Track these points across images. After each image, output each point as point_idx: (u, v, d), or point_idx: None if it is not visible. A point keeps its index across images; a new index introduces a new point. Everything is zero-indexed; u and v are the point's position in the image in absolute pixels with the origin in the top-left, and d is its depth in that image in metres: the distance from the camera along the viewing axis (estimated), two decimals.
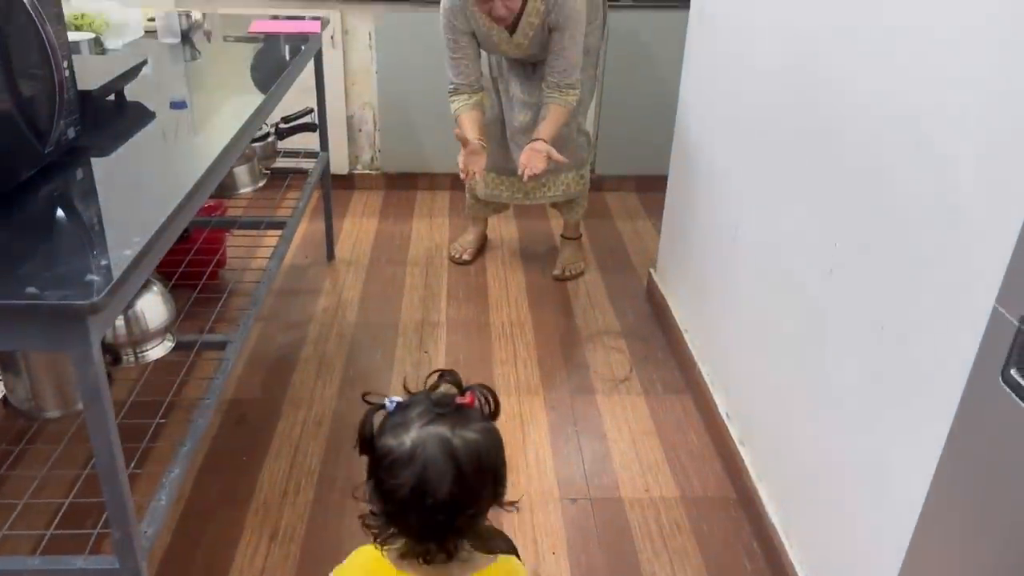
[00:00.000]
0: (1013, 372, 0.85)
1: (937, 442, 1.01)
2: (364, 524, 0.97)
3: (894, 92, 1.28)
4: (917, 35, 1.22)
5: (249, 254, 2.69)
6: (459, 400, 0.96)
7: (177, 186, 1.34)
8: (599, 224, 3.33)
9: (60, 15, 1.42)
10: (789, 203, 1.70)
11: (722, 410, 2.08)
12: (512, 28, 2.41)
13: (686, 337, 2.40)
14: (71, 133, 1.43)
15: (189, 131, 1.70)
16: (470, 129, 2.49)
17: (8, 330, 1.02)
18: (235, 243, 2.73)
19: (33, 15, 1.29)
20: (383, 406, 0.97)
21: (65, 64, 1.38)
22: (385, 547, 0.97)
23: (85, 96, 1.53)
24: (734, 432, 2.01)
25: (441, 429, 0.92)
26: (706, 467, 2.04)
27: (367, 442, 0.96)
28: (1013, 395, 0.84)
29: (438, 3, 3.04)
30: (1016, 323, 0.84)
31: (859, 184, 1.39)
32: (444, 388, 0.99)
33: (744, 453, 1.94)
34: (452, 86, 2.55)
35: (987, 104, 1.05)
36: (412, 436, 0.92)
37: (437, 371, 1.03)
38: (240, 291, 2.40)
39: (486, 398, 1.00)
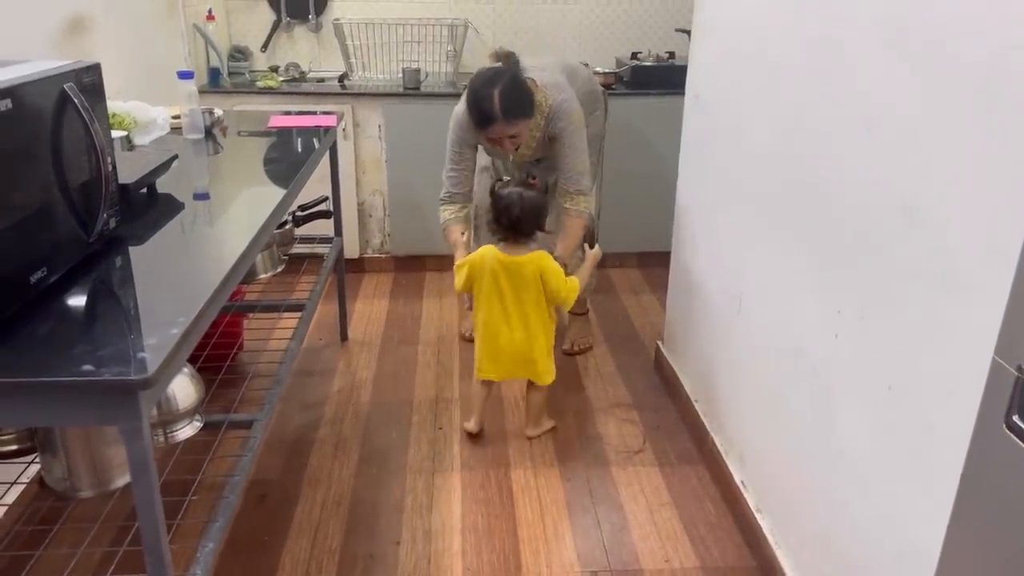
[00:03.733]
0: (1015, 418, 0.90)
1: (949, 492, 1.05)
2: (488, 229, 2.35)
3: (881, 165, 1.38)
4: (899, 108, 1.32)
5: (265, 337, 2.76)
6: (530, 181, 2.32)
7: (213, 270, 1.42)
8: (605, 300, 3.41)
9: (105, 113, 1.53)
10: (791, 272, 1.78)
11: (737, 479, 2.11)
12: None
13: (697, 407, 2.44)
14: (112, 223, 1.52)
15: (221, 220, 1.79)
16: (460, 235, 2.55)
17: (65, 406, 1.08)
18: (249, 326, 2.80)
19: (84, 114, 1.39)
20: (501, 179, 2.37)
21: (109, 160, 1.49)
22: (495, 240, 2.30)
23: (123, 189, 1.63)
24: (750, 500, 2.03)
25: (520, 189, 2.25)
26: (725, 537, 2.05)
27: (492, 192, 2.28)
28: (1017, 440, 0.90)
29: (441, 97, 3.20)
30: (1015, 372, 0.90)
31: (857, 252, 1.48)
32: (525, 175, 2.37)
33: (762, 521, 1.96)
34: (447, 194, 2.61)
35: (969, 171, 1.14)
36: (508, 191, 2.24)
37: (526, 172, 2.55)
38: (259, 372, 2.46)
39: (545, 185, 2.42)
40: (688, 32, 2.85)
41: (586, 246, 2.43)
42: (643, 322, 3.24)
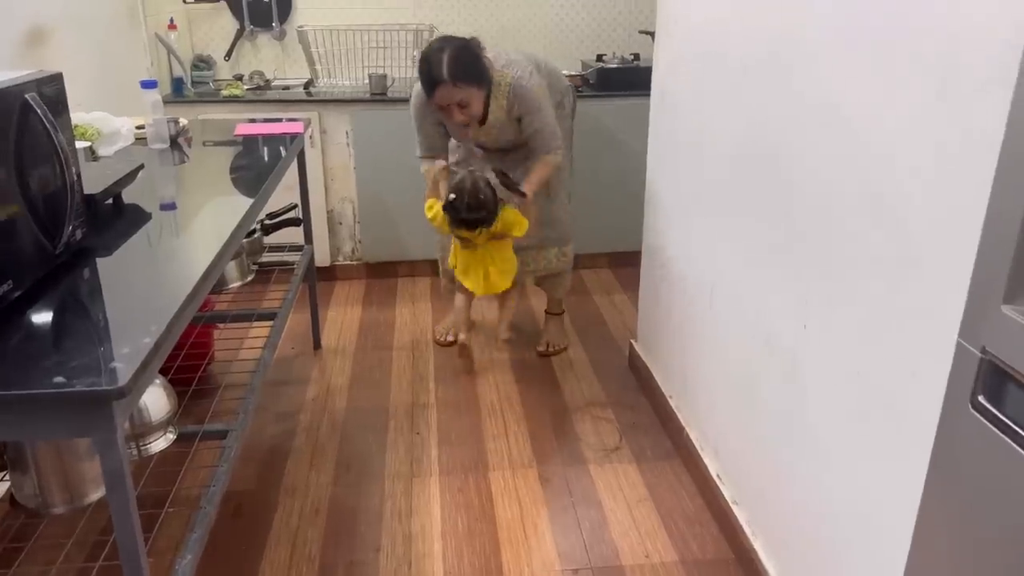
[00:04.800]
0: (980, 398, 0.93)
1: (919, 474, 1.08)
2: (450, 230, 2.53)
3: (843, 155, 1.41)
4: (860, 99, 1.35)
5: (236, 348, 2.73)
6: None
7: (183, 280, 1.40)
8: (577, 300, 3.43)
9: (68, 123, 1.51)
10: (760, 266, 1.80)
11: (713, 472, 2.13)
12: (482, 120, 2.56)
13: (671, 403, 2.46)
14: (78, 235, 1.50)
15: (189, 230, 1.77)
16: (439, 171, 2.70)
17: (37, 420, 1.07)
18: (220, 337, 2.77)
19: (46, 123, 1.37)
20: (449, 203, 2.44)
21: (74, 169, 1.47)
22: (454, 233, 2.54)
23: (89, 199, 1.61)
24: (727, 493, 2.05)
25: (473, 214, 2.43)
26: (703, 530, 2.07)
27: (450, 207, 2.44)
28: (982, 419, 0.92)
29: (408, 102, 3.17)
30: (978, 353, 0.93)
31: (822, 242, 1.50)
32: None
33: (738, 513, 1.98)
34: (425, 152, 2.74)
35: (929, 159, 1.17)
36: (464, 215, 2.43)
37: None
38: (230, 383, 2.43)
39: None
40: (651, 34, 2.88)
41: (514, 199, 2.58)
42: (616, 321, 3.27)
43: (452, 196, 2.43)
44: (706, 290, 2.14)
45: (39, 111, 1.35)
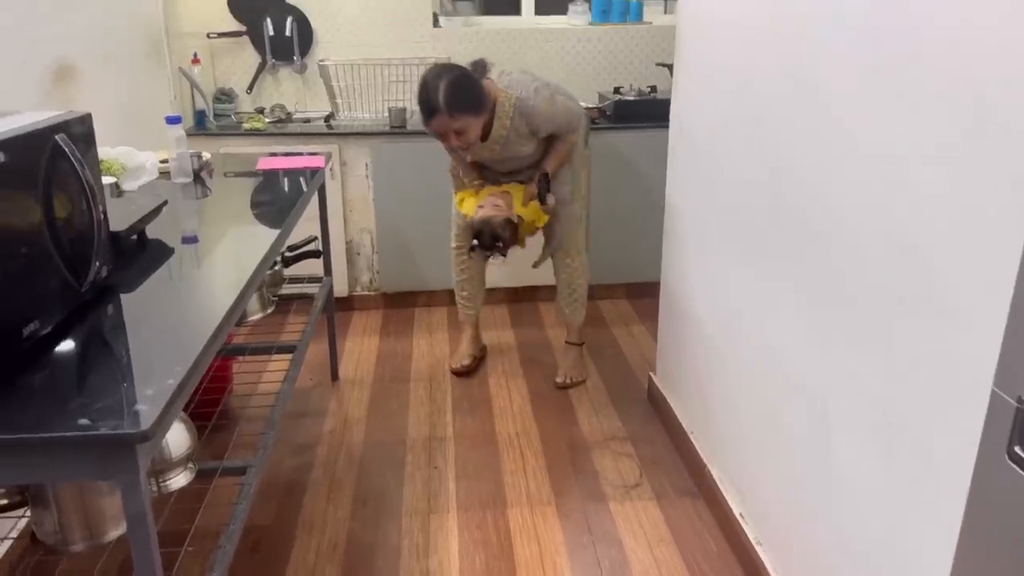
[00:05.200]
0: (1018, 449, 0.91)
1: (953, 523, 1.06)
2: (476, 254, 2.81)
3: (866, 193, 1.39)
4: (883, 137, 1.34)
5: (253, 380, 2.73)
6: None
7: (207, 317, 1.41)
8: (595, 331, 3.41)
9: (96, 161, 1.53)
10: (783, 301, 1.79)
11: (736, 511, 2.10)
12: (484, 136, 2.60)
13: (692, 439, 2.43)
14: (104, 272, 1.51)
15: (213, 265, 1.78)
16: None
17: (60, 462, 1.06)
18: (238, 370, 2.78)
19: (76, 165, 1.39)
20: (473, 247, 2.74)
21: (101, 208, 1.48)
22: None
23: (115, 237, 1.62)
24: (750, 533, 2.02)
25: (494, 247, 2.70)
26: (726, 571, 2.03)
27: (476, 247, 2.71)
28: (1020, 471, 0.90)
29: (427, 135, 3.27)
30: (1015, 404, 0.91)
31: (847, 280, 1.49)
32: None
33: (762, 553, 1.94)
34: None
35: (956, 198, 1.15)
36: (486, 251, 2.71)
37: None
38: (249, 416, 2.43)
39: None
40: (668, 66, 2.89)
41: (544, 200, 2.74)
42: (634, 353, 3.25)
43: (475, 242, 2.72)
44: (727, 324, 2.13)
45: (68, 150, 1.37)
